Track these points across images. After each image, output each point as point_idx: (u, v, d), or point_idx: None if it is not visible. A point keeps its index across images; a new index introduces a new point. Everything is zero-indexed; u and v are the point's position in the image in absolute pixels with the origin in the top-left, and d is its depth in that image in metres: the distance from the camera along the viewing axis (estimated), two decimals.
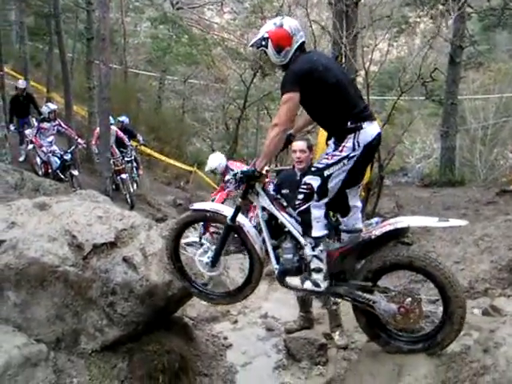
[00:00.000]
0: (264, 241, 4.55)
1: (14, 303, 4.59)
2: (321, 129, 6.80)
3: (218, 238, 4.84)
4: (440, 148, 20.55)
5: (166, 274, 4.81)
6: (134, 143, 16.61)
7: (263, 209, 4.52)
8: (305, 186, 4.30)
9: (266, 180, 4.72)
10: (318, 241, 4.24)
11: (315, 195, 4.24)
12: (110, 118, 13.95)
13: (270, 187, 5.60)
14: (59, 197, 5.88)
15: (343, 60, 12.09)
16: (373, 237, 4.20)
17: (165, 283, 4.76)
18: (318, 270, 4.28)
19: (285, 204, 4.56)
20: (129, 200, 13.98)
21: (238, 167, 11.08)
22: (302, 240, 4.35)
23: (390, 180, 20.18)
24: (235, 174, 4.43)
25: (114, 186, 14.41)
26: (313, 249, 4.26)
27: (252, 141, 30.18)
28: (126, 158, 15.80)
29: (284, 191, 5.86)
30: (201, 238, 6.23)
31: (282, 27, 4.48)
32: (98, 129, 14.47)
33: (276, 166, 12.17)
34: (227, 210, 4.58)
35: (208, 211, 4.67)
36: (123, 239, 4.91)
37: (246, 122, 27.02)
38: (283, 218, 4.44)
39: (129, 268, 4.66)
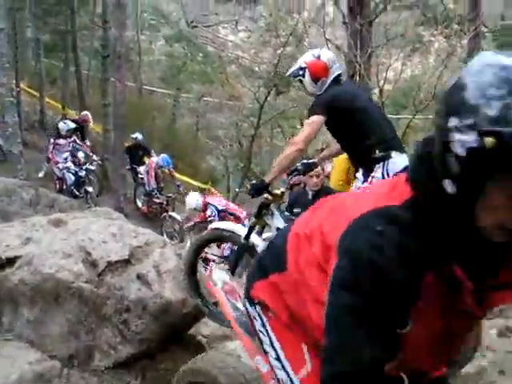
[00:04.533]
0: None
1: (27, 319, 4.60)
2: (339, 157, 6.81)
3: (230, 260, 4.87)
4: None
5: (179, 291, 4.81)
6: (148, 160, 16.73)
7: (278, 229, 4.51)
8: None
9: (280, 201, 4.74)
10: None
11: None
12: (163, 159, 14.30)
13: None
14: (74, 213, 5.92)
15: (357, 79, 12.13)
16: None
17: (179, 301, 4.75)
18: None
19: None
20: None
21: (218, 201, 11.71)
22: None
23: None
24: (247, 187, 4.51)
25: None
26: None
27: (266, 159, 30.19)
28: (139, 175, 15.99)
29: (296, 210, 5.88)
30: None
31: (320, 59, 4.58)
32: (153, 161, 14.62)
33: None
34: (241, 230, 4.59)
35: (224, 230, 4.69)
36: (137, 256, 4.91)
37: (259, 140, 27.05)
38: None
39: (143, 285, 4.66)
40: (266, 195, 4.43)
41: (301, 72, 4.69)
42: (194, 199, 11.86)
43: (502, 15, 18.44)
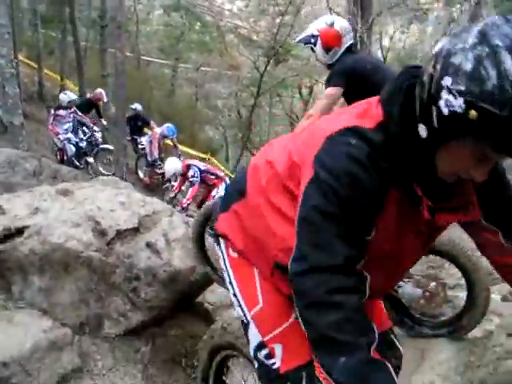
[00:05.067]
0: None
1: (38, 288, 4.64)
2: None
3: None
4: None
5: (188, 259, 4.85)
6: (149, 131, 16.71)
7: None
8: None
9: None
10: None
11: None
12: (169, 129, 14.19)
13: None
14: (81, 183, 5.94)
15: (359, 47, 12.08)
16: None
17: (188, 269, 4.80)
18: None
19: None
20: None
21: (198, 162, 11.85)
22: None
23: None
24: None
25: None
26: None
27: (264, 128, 30.16)
28: (140, 146, 15.98)
29: None
30: None
31: (333, 26, 4.49)
32: (157, 131, 14.53)
33: None
34: None
35: None
36: (146, 225, 4.94)
37: (258, 109, 27.01)
38: None
39: (152, 253, 4.70)
40: None
41: (312, 40, 4.58)
42: (173, 164, 12.00)
43: None
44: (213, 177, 12.10)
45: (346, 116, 1.79)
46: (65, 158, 13.58)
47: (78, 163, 13.44)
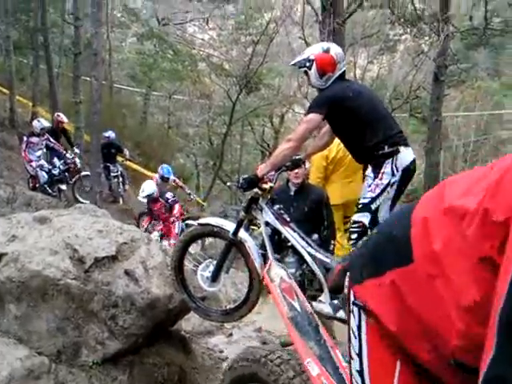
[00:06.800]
0: (264, 256, 4.59)
1: (14, 316, 4.62)
2: (314, 157, 6.79)
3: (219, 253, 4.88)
4: (424, 164, 20.74)
5: (166, 287, 4.87)
6: (121, 158, 16.68)
7: (267, 224, 4.56)
8: (356, 225, 4.39)
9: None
10: None
11: (368, 230, 4.32)
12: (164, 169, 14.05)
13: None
14: (59, 211, 5.94)
15: None
16: None
17: (166, 296, 4.81)
18: None
19: (288, 219, 4.62)
20: None
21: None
22: (305, 255, 4.35)
23: None
24: (238, 181, 4.49)
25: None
26: None
27: (236, 157, 30.25)
28: (112, 173, 15.90)
29: (276, 206, 5.88)
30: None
31: (329, 53, 4.59)
32: (156, 176, 14.37)
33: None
34: (229, 225, 4.61)
35: (212, 226, 4.72)
36: (124, 253, 4.95)
37: (230, 138, 27.12)
38: (287, 232, 4.47)
39: (130, 281, 4.71)
40: (255, 190, 4.45)
41: (308, 64, 4.66)
42: (152, 187, 12.08)
43: (470, 16, 18.66)
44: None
45: None
46: (37, 185, 13.52)
47: (50, 190, 13.38)
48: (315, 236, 5.34)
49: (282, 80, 25.45)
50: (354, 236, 4.37)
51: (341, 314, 4.28)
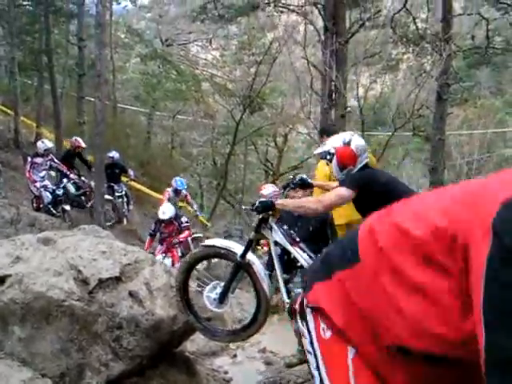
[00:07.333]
0: (271, 276, 4.61)
1: (18, 338, 4.60)
2: (319, 163, 6.89)
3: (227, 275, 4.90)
4: (428, 183, 20.74)
5: (170, 308, 4.86)
6: (125, 178, 16.69)
7: (276, 243, 4.59)
8: None
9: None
10: None
11: None
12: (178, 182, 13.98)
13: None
14: (63, 232, 5.94)
15: (334, 97, 12.32)
16: None
17: (170, 317, 4.80)
18: None
19: (297, 239, 4.64)
20: None
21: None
22: None
23: None
24: (253, 205, 4.53)
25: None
26: None
27: (239, 176, 30.26)
28: (116, 193, 15.89)
29: (285, 226, 5.92)
30: None
31: (350, 145, 4.63)
32: (168, 190, 14.24)
33: None
34: (237, 247, 4.63)
35: (219, 248, 4.74)
36: (128, 274, 4.95)
37: (233, 157, 27.16)
38: (296, 252, 4.52)
39: (135, 302, 4.70)
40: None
41: (328, 157, 4.75)
42: (171, 208, 11.93)
43: (472, 35, 18.74)
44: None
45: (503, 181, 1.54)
46: (41, 205, 13.54)
47: (54, 211, 13.38)
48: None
49: (285, 99, 25.58)
50: None
51: None
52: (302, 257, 4.52)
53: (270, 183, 14.81)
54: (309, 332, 2.00)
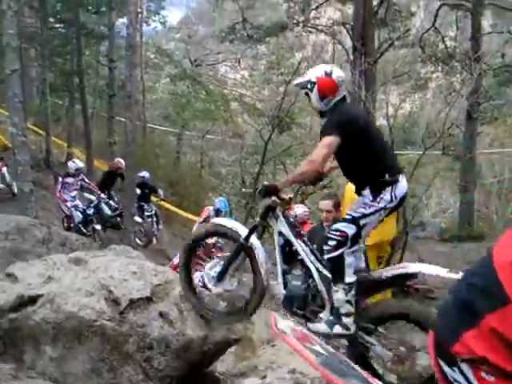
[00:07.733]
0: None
1: (50, 357, 4.65)
2: (348, 184, 6.87)
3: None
4: (458, 202, 20.59)
5: (201, 328, 4.86)
6: (155, 198, 16.79)
7: (280, 233, 4.63)
8: (338, 233, 4.36)
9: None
10: (350, 286, 4.33)
11: (349, 242, 4.32)
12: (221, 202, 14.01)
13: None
14: (94, 252, 6.00)
15: None
16: (383, 277, 4.39)
17: (200, 338, 4.80)
18: (350, 314, 4.36)
19: (302, 232, 4.69)
20: None
21: None
22: (313, 270, 4.53)
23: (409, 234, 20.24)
24: (257, 188, 4.66)
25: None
26: (346, 294, 4.32)
27: None
28: (146, 213, 15.98)
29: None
30: None
31: (331, 76, 4.62)
32: (209, 208, 14.22)
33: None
34: (243, 230, 4.68)
35: (225, 227, 4.80)
36: (159, 294, 4.97)
37: (262, 177, 27.20)
38: (298, 245, 4.57)
39: (165, 323, 4.71)
40: (274, 198, 4.54)
41: (309, 86, 4.67)
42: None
43: (502, 54, 18.69)
44: None
45: None
46: (72, 224, 13.69)
47: (84, 230, 13.52)
48: None
49: (314, 119, 25.57)
50: (333, 243, 4.32)
51: (337, 329, 4.41)
52: (304, 250, 4.57)
53: (300, 203, 14.72)
54: (465, 379, 1.78)
